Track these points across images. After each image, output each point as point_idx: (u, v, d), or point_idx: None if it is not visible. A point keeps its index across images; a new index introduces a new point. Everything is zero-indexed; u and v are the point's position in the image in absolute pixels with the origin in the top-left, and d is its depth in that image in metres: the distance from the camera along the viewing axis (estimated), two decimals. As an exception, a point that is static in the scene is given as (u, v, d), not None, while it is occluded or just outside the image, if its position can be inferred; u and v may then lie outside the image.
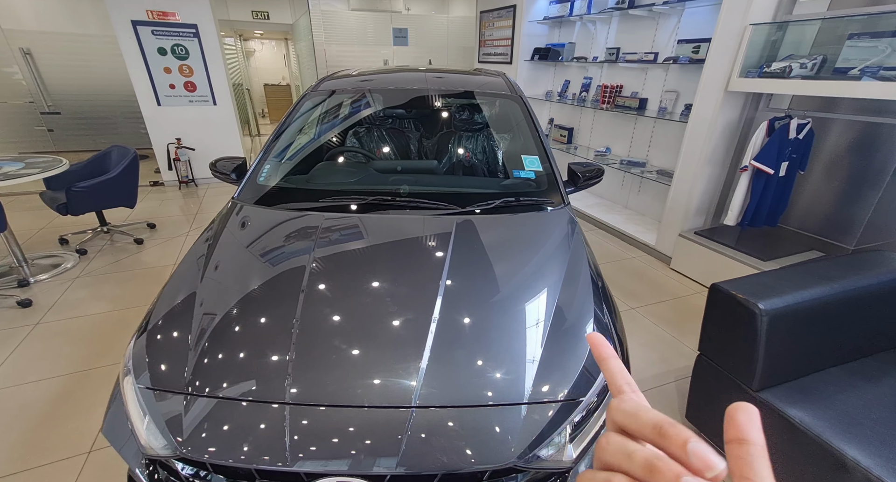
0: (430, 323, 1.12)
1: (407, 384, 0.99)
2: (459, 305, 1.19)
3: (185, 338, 1.12)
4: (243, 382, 1.00)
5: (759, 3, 2.46)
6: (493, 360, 1.07)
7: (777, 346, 1.45)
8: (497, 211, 1.61)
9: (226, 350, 1.07)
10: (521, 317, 1.18)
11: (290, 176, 1.91)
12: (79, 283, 2.84)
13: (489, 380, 1.02)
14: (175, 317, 1.19)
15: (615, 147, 4.35)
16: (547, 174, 1.83)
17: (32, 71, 4.44)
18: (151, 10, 4.36)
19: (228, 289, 1.24)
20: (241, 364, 1.03)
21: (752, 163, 2.58)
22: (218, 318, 1.15)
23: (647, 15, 3.68)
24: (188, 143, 4.92)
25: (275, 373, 1.00)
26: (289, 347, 1.05)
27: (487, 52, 5.69)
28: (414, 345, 1.07)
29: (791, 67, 2.35)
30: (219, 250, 1.39)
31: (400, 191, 1.72)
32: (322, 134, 2.27)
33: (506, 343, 1.11)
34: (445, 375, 1.02)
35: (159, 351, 1.11)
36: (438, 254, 1.35)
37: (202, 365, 1.04)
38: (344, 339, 1.08)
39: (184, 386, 1.00)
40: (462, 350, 1.08)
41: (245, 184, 1.76)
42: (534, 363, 1.07)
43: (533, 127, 1.99)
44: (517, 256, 1.40)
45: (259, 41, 12.52)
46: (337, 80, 2.18)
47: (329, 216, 1.52)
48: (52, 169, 2.78)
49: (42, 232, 3.62)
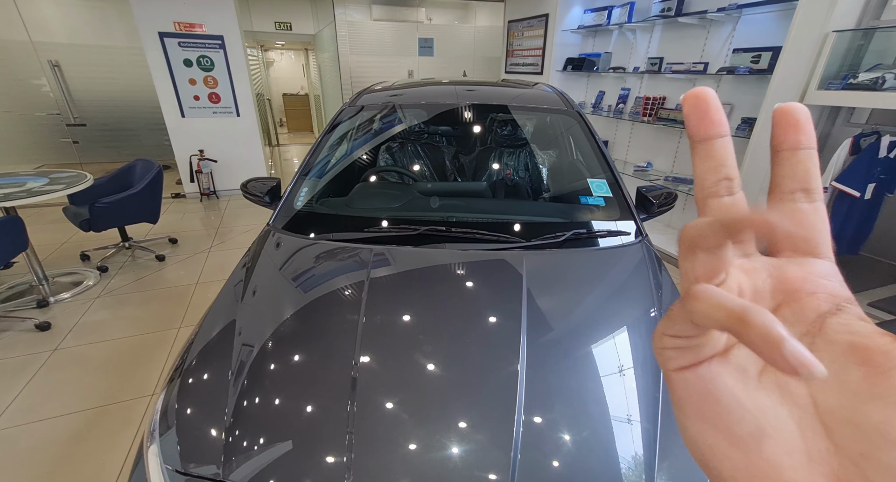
0: (518, 389, 0.91)
1: (501, 470, 0.78)
2: (549, 368, 0.98)
3: (222, 404, 0.92)
4: (292, 468, 0.80)
5: (842, 8, 2.23)
6: (606, 442, 0.85)
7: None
8: (568, 244, 1.39)
9: (272, 428, 0.87)
10: (628, 384, 0.97)
11: (328, 198, 1.73)
12: (99, 304, 2.70)
13: (604, 467, 0.81)
14: (212, 373, 1.00)
15: (657, 162, 4.11)
16: (618, 200, 1.61)
17: (60, 83, 4.41)
18: (179, 22, 4.30)
19: (274, 343, 1.05)
20: (293, 451, 0.83)
21: (833, 184, 2.32)
22: (262, 382, 0.96)
23: (697, 23, 3.46)
24: (211, 155, 4.83)
25: (333, 457, 0.80)
26: (346, 423, 0.86)
27: (515, 62, 5.52)
28: (502, 421, 0.86)
29: (884, 78, 2.10)
30: (259, 293, 1.20)
31: (453, 220, 1.51)
32: (362, 152, 2.09)
33: (617, 418, 0.89)
34: (548, 460, 0.81)
35: (193, 418, 0.92)
36: (512, 299, 1.14)
37: (242, 446, 0.84)
38: (413, 410, 0.88)
39: (221, 471, 0.81)
40: (563, 426, 0.87)
41: (281, 208, 1.57)
42: (654, 447, 0.85)
43: (597, 146, 1.77)
44: (604, 303, 1.18)
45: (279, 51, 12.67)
46: (376, 94, 2.00)
47: (378, 250, 1.33)
48: (76, 184, 2.66)
49: (64, 247, 3.51)
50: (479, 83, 2.27)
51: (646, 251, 1.41)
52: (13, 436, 1.75)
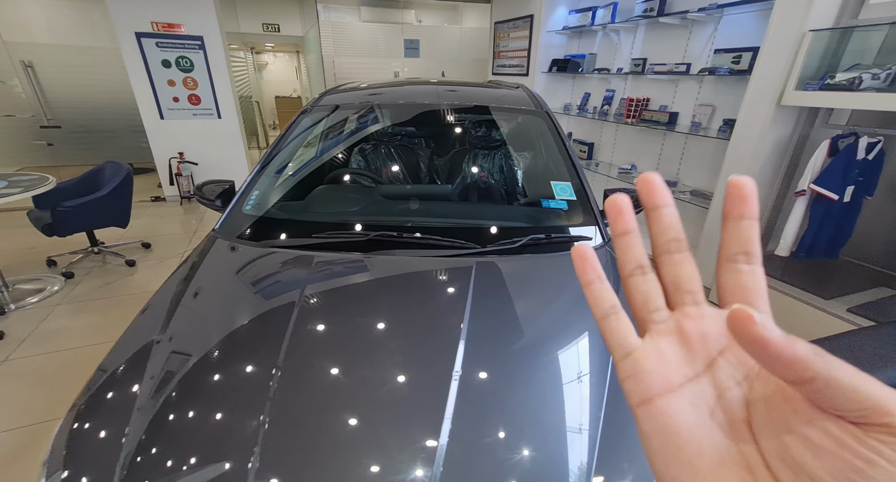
0: (448, 398, 0.84)
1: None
2: (485, 378, 0.91)
3: (121, 429, 0.85)
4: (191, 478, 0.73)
5: (819, 8, 2.17)
6: (538, 451, 0.78)
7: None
8: (525, 250, 1.32)
9: (172, 436, 0.80)
10: (569, 391, 0.89)
11: (284, 203, 1.65)
12: (59, 311, 2.61)
13: (530, 468, 0.74)
14: (115, 396, 0.92)
15: (641, 164, 4.05)
16: (582, 204, 1.54)
17: (33, 84, 4.32)
18: (157, 22, 4.22)
19: (189, 362, 0.97)
20: (193, 453, 0.76)
21: (811, 187, 2.26)
22: (166, 390, 0.88)
23: (678, 23, 3.41)
24: (191, 158, 4.75)
25: (236, 464, 0.73)
26: (257, 433, 0.78)
27: (502, 63, 5.47)
28: (426, 432, 0.78)
29: (861, 79, 2.04)
30: (183, 306, 1.12)
31: (408, 224, 1.44)
32: (322, 154, 2.01)
33: (556, 430, 0.83)
34: (468, 472, 0.73)
35: (86, 445, 0.84)
36: (455, 307, 1.06)
37: (138, 458, 0.76)
38: (333, 422, 0.81)
39: None
40: (494, 439, 0.79)
41: (228, 214, 1.50)
42: (591, 456, 0.78)
43: (563, 147, 1.71)
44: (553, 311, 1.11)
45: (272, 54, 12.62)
46: (339, 94, 1.94)
47: (322, 257, 1.25)
48: (35, 187, 2.57)
49: (31, 252, 3.42)
50: (449, 83, 2.20)
51: (608, 257, 1.34)
52: (-52, 453, 1.66)
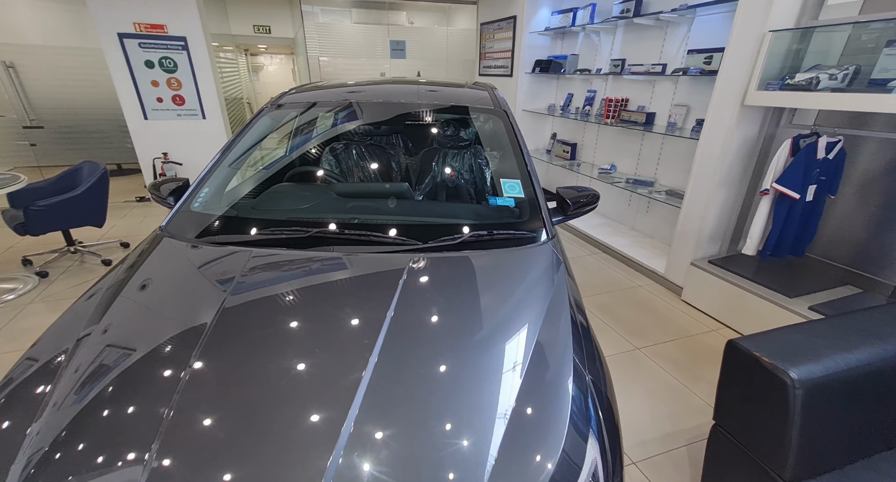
0: (356, 396, 0.85)
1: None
2: (397, 375, 0.91)
3: (37, 398, 0.86)
4: (91, 462, 0.74)
5: (779, 8, 2.19)
6: (436, 451, 0.78)
7: (817, 427, 1.14)
8: (466, 246, 1.33)
9: (83, 416, 0.82)
10: (479, 390, 0.90)
11: (234, 201, 1.67)
12: (29, 311, 2.62)
13: (434, 461, 0.74)
14: (39, 368, 0.94)
15: (621, 164, 4.07)
16: (530, 201, 1.56)
17: (15, 84, 4.34)
18: (139, 23, 4.24)
19: (113, 342, 0.98)
20: (98, 435, 0.79)
21: (773, 186, 2.28)
22: (85, 374, 0.90)
23: (654, 24, 3.43)
24: (175, 158, 4.76)
25: (135, 451, 0.75)
26: (161, 418, 0.80)
27: (488, 64, 5.49)
28: (328, 426, 0.79)
29: (818, 79, 2.06)
30: (119, 300, 1.13)
31: (352, 221, 1.46)
32: (279, 153, 2.03)
33: (456, 428, 0.83)
34: (367, 468, 0.74)
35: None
36: (381, 304, 1.07)
37: (47, 435, 0.79)
38: (239, 412, 0.82)
39: (8, 465, 0.74)
40: (394, 436, 0.80)
41: (175, 212, 1.51)
42: (490, 458, 0.78)
43: (516, 145, 1.72)
44: (480, 307, 1.11)
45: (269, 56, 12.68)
46: (301, 94, 1.95)
47: (258, 254, 1.26)
48: (6, 186, 2.58)
49: (8, 252, 3.43)
50: (415, 82, 2.22)
51: (551, 254, 1.36)
52: None
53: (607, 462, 0.91)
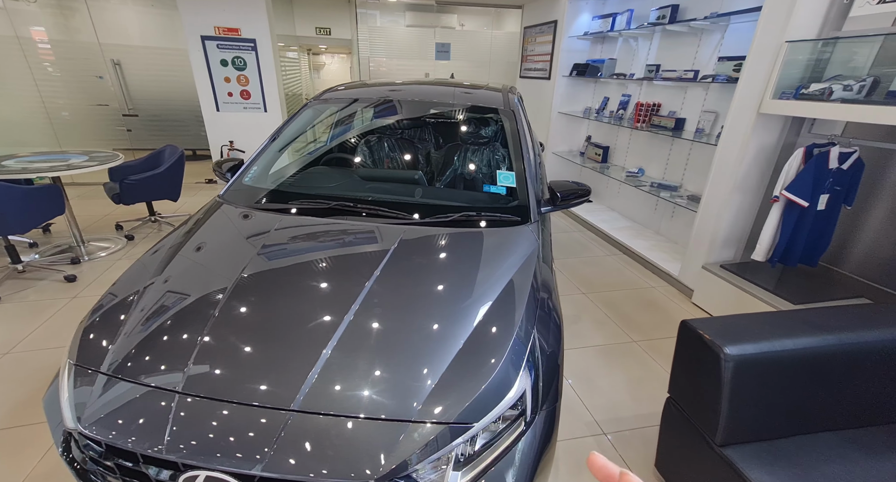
0: (339, 328, 1.13)
1: (294, 386, 1.00)
2: (374, 315, 1.18)
3: (117, 323, 1.19)
4: (151, 368, 1.05)
5: (800, 19, 2.23)
6: (392, 374, 1.05)
7: (746, 399, 1.28)
8: (454, 225, 1.59)
9: (146, 337, 1.13)
10: (436, 333, 1.15)
11: (280, 179, 2.03)
12: (118, 265, 3.19)
13: (380, 394, 1.01)
14: (118, 301, 1.28)
15: (650, 169, 4.10)
16: (519, 191, 1.78)
17: (120, 79, 5.12)
18: (218, 26, 4.86)
19: (170, 282, 1.32)
20: (155, 351, 1.09)
21: (783, 193, 2.31)
22: (151, 307, 1.23)
23: (687, 31, 3.47)
24: (239, 146, 5.37)
25: (178, 362, 1.06)
26: (197, 340, 1.10)
27: (528, 67, 5.65)
28: (313, 349, 1.08)
29: (831, 89, 2.09)
30: (178, 246, 1.48)
31: (365, 198, 1.75)
32: (316, 141, 2.38)
33: (410, 358, 1.09)
34: (336, 382, 1.02)
35: (95, 333, 1.19)
36: (373, 261, 1.36)
37: (121, 349, 1.11)
38: (251, 336, 1.12)
39: (100, 366, 1.08)
40: (362, 359, 1.07)
41: (231, 184, 1.88)
42: (432, 381, 1.04)
43: (518, 141, 1.94)
44: (453, 272, 1.37)
45: (330, 55, 13.53)
46: (338, 92, 2.29)
47: (285, 219, 1.59)
48: (108, 162, 3.17)
49: (106, 218, 4.12)
50: (437, 82, 2.48)
51: (529, 236, 1.57)
52: (24, 358, 2.19)
53: (538, 392, 1.13)
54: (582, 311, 2.80)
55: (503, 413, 1.04)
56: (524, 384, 1.10)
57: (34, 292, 2.78)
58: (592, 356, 2.35)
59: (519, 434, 1.06)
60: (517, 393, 1.08)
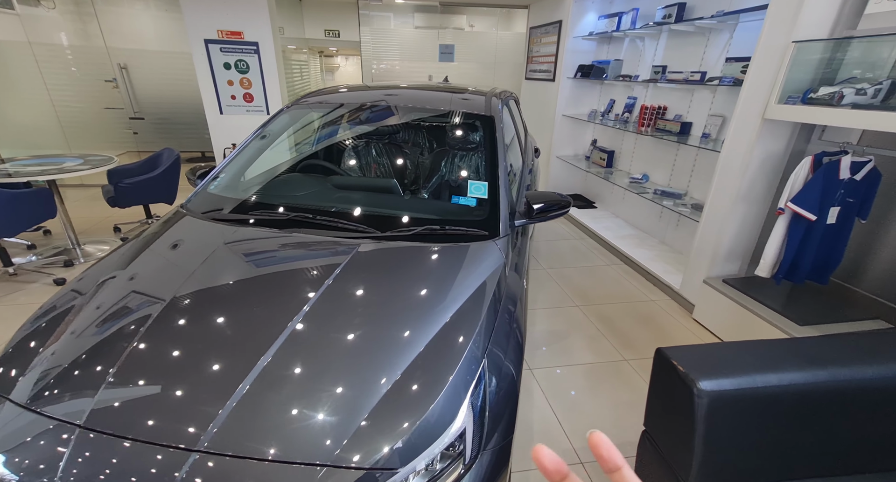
0: (262, 357, 1.05)
1: (204, 423, 0.92)
2: (304, 342, 1.10)
3: (36, 348, 1.13)
4: (58, 398, 0.98)
5: (809, 17, 2.06)
6: (315, 410, 0.96)
7: (723, 438, 1.15)
8: (415, 238, 1.49)
9: (62, 364, 1.06)
10: (372, 363, 1.06)
11: (245, 188, 1.96)
12: (110, 268, 3.20)
13: (298, 433, 0.92)
14: (45, 324, 1.22)
15: (655, 175, 3.93)
16: (491, 202, 1.67)
17: (126, 82, 5.21)
18: (222, 30, 4.88)
19: (100, 306, 1.24)
20: (67, 380, 1.03)
21: (788, 205, 2.14)
22: (77, 331, 1.16)
23: (694, 31, 3.30)
24: (243, 149, 5.40)
25: (87, 392, 0.99)
26: (109, 370, 1.03)
27: (534, 68, 5.52)
28: (231, 381, 1.00)
29: (842, 94, 1.92)
30: (118, 264, 1.42)
31: (327, 209, 1.67)
32: (291, 148, 2.32)
33: (340, 392, 1.00)
34: (251, 420, 0.94)
35: (13, 357, 1.13)
36: (317, 282, 1.27)
37: (35, 376, 1.05)
38: (170, 367, 1.04)
39: (9, 393, 1.02)
40: (284, 393, 0.98)
41: (194, 193, 1.83)
42: (361, 418, 0.95)
43: (493, 149, 1.83)
44: (403, 293, 1.27)
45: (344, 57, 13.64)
46: (317, 97, 2.22)
47: (238, 231, 1.52)
48: (102, 166, 3.19)
49: (104, 221, 4.17)
50: (420, 87, 2.39)
51: (496, 251, 1.47)
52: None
53: (482, 427, 1.03)
54: (573, 326, 2.67)
55: (440, 452, 0.95)
56: (466, 420, 1.01)
57: (24, 295, 2.80)
58: (579, 375, 2.23)
59: (457, 477, 0.97)
60: (458, 430, 0.98)
